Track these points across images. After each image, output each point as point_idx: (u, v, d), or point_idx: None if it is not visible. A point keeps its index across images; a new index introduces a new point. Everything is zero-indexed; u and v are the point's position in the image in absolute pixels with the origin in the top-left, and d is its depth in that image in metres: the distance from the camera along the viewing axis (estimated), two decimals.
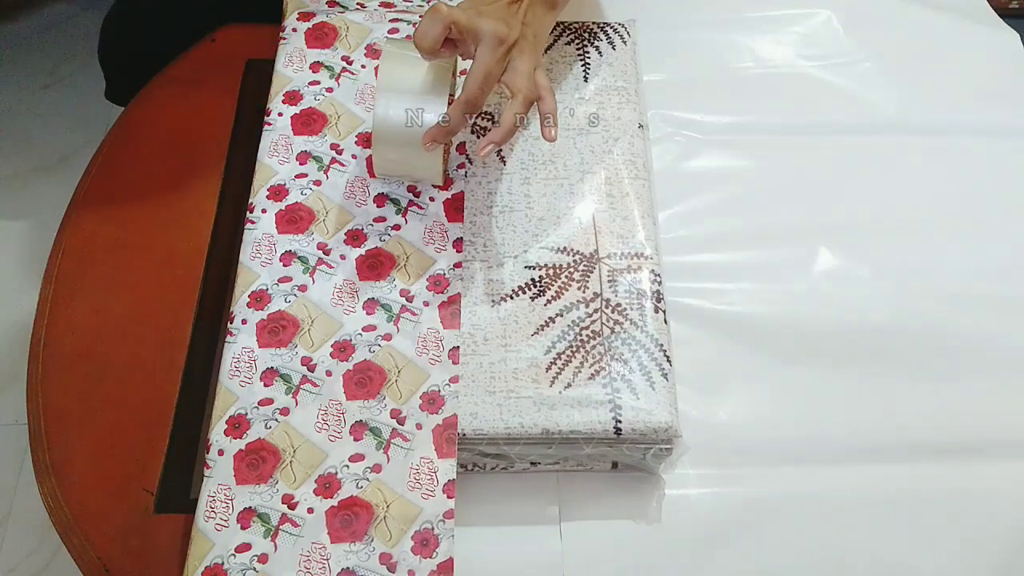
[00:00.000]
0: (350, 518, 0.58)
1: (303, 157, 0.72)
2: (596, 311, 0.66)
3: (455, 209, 0.70)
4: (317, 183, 0.71)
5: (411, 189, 0.71)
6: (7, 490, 1.21)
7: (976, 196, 0.79)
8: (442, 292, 0.66)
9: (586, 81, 0.77)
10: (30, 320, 0.69)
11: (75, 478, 0.63)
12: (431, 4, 0.66)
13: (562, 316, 0.65)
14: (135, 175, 0.77)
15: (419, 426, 0.61)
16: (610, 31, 0.80)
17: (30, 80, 1.56)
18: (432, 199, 0.70)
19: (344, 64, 0.77)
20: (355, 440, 0.60)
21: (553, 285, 0.67)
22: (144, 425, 0.65)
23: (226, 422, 0.61)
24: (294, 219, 0.69)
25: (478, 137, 0.74)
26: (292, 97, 0.75)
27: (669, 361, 0.64)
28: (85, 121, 1.49)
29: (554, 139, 0.63)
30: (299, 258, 0.67)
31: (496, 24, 0.61)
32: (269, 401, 0.62)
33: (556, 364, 0.63)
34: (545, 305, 0.66)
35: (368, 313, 0.65)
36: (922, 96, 0.84)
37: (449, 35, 0.61)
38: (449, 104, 0.64)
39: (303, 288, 0.66)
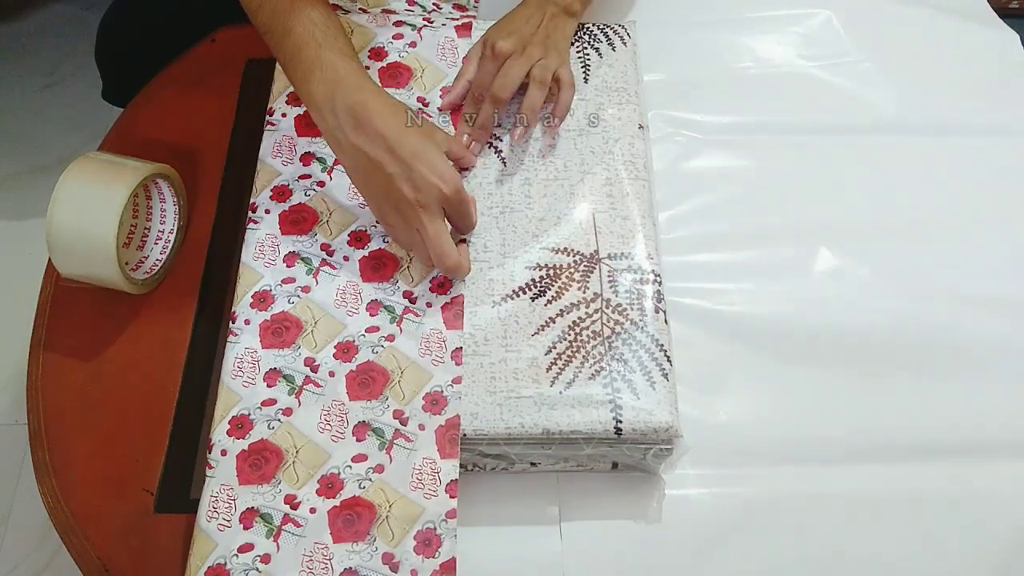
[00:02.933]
0: (352, 518, 0.58)
1: (307, 158, 0.72)
2: (596, 311, 0.66)
3: None
4: (321, 184, 0.71)
5: None
6: (7, 490, 1.21)
7: (976, 196, 0.79)
8: (445, 293, 0.66)
9: (586, 82, 0.77)
10: (30, 320, 0.69)
11: (75, 478, 0.63)
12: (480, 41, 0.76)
13: (562, 316, 0.65)
14: None
15: (422, 427, 0.61)
16: (610, 32, 0.80)
17: (30, 80, 1.56)
18: None
19: None
20: (358, 441, 0.60)
21: (553, 285, 0.67)
22: (144, 425, 0.65)
23: (229, 422, 0.61)
24: (297, 220, 0.69)
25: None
26: (296, 98, 0.75)
27: (669, 361, 0.64)
28: (85, 121, 1.49)
29: (555, 129, 0.74)
30: (302, 259, 0.67)
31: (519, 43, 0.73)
32: (272, 402, 0.62)
33: (557, 364, 0.63)
34: (546, 305, 0.66)
35: (371, 314, 0.65)
36: (922, 96, 0.84)
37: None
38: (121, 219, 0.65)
39: (306, 289, 0.66)
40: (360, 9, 0.81)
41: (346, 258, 0.68)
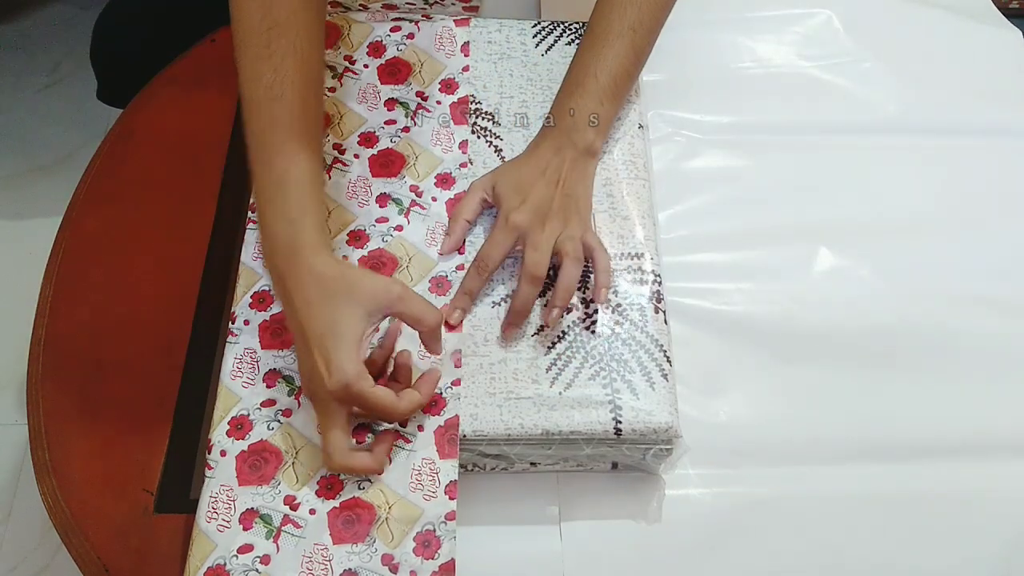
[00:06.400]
0: (352, 519, 0.58)
1: None
2: (596, 311, 0.66)
3: None
4: None
5: (413, 189, 0.71)
6: (7, 490, 1.21)
7: (976, 196, 0.79)
8: (444, 294, 0.66)
9: None
10: (30, 320, 0.69)
11: (75, 478, 0.63)
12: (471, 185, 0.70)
13: (562, 316, 0.65)
14: (135, 175, 0.77)
15: (421, 427, 0.61)
16: None
17: (30, 80, 1.55)
18: (435, 199, 0.70)
19: (347, 64, 0.77)
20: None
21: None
22: (144, 425, 0.65)
23: (228, 423, 0.61)
24: None
25: (478, 137, 0.74)
26: None
27: (669, 361, 0.64)
28: (85, 121, 1.49)
29: (602, 301, 0.65)
30: None
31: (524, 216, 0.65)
32: (272, 402, 0.62)
33: (556, 364, 0.63)
34: (545, 306, 0.66)
35: None
36: (923, 96, 0.84)
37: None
38: None
39: None
40: (360, 5, 0.81)
41: (344, 257, 0.67)
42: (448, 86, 0.76)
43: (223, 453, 0.60)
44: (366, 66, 0.77)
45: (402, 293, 0.58)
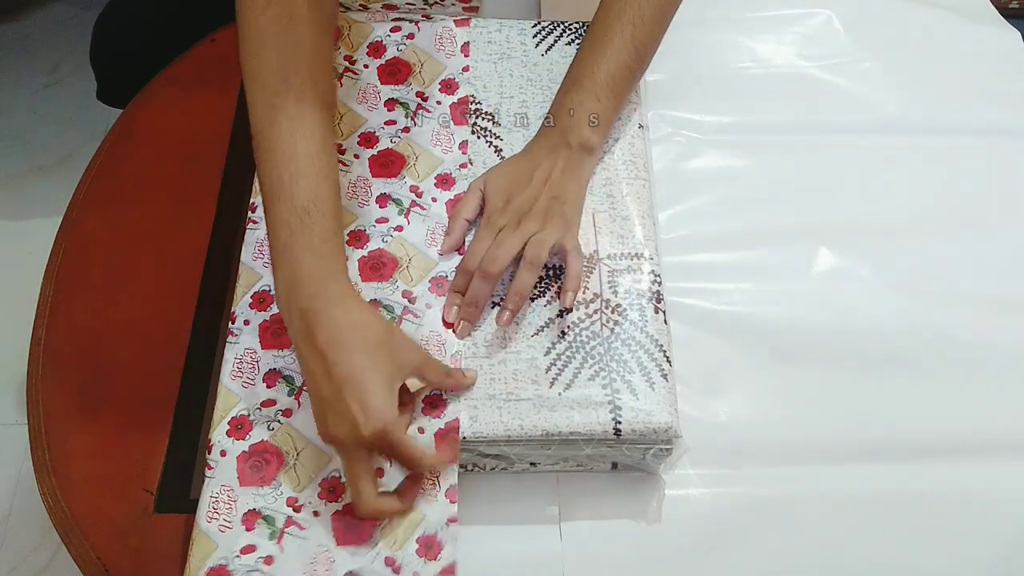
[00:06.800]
0: (355, 522, 0.58)
1: None
2: (596, 312, 0.66)
3: None
4: None
5: (413, 189, 0.71)
6: (7, 490, 1.21)
7: (976, 196, 0.79)
8: (444, 294, 0.66)
9: None
10: (30, 320, 0.69)
11: (75, 478, 0.63)
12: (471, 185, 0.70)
13: (562, 317, 0.65)
14: (135, 175, 0.77)
15: (421, 430, 0.60)
16: None
17: (30, 80, 1.56)
18: (435, 199, 0.70)
19: (346, 64, 0.77)
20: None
21: (553, 286, 0.67)
22: (144, 425, 0.65)
23: (228, 423, 0.61)
24: None
25: (479, 138, 0.74)
26: None
27: (669, 361, 0.64)
28: (85, 121, 1.49)
29: (567, 306, 0.64)
30: None
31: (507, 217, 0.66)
32: (272, 402, 0.62)
33: (556, 365, 0.63)
34: (545, 306, 0.66)
35: None
36: (923, 96, 0.84)
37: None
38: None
39: None
40: (360, 5, 0.81)
41: (345, 258, 0.67)
42: (448, 86, 0.76)
43: (223, 453, 0.60)
44: (366, 66, 0.77)
45: (426, 357, 0.60)
